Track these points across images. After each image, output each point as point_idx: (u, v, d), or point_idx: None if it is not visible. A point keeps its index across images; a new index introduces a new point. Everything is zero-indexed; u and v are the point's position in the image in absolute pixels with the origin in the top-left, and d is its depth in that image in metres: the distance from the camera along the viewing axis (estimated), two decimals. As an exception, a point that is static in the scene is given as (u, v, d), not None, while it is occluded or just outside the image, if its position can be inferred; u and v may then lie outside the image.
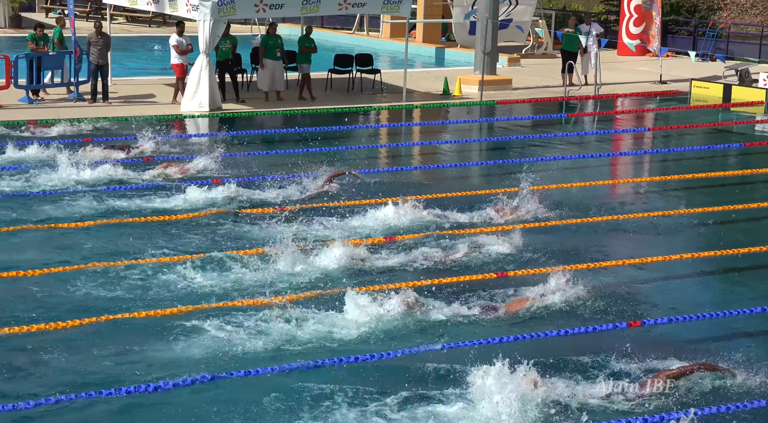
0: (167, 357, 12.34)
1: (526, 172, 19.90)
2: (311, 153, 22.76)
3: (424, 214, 18.05)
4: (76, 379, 11.99)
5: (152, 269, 15.25)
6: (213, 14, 27.04)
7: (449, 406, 11.06)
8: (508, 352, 11.56)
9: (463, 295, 14.11)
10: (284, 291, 14.36)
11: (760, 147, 26.43)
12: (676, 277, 15.57)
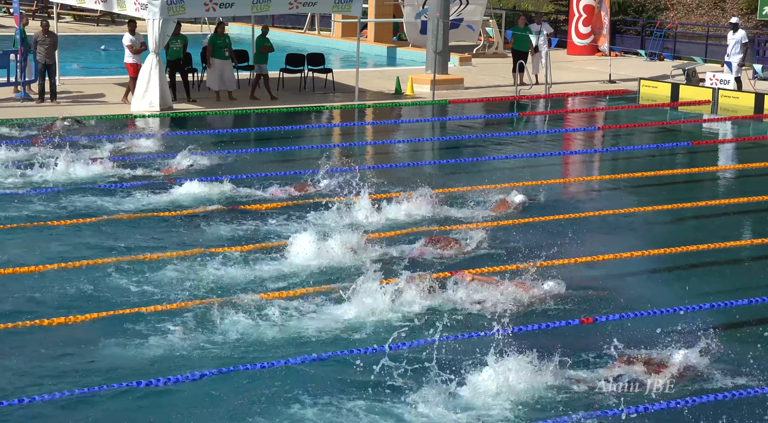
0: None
1: (478, 170, 20.17)
2: (264, 153, 23.14)
3: (384, 211, 18.40)
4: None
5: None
6: (162, 13, 27.01)
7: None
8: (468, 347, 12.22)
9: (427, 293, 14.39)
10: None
11: (708, 146, 26.72)
12: (627, 275, 15.76)
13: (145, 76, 28.05)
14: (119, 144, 23.58)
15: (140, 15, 27.93)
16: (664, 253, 16.76)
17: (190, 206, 18.97)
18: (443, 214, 18.30)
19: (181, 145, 23.01)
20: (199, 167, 21.55)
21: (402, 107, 30.40)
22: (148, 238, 17.24)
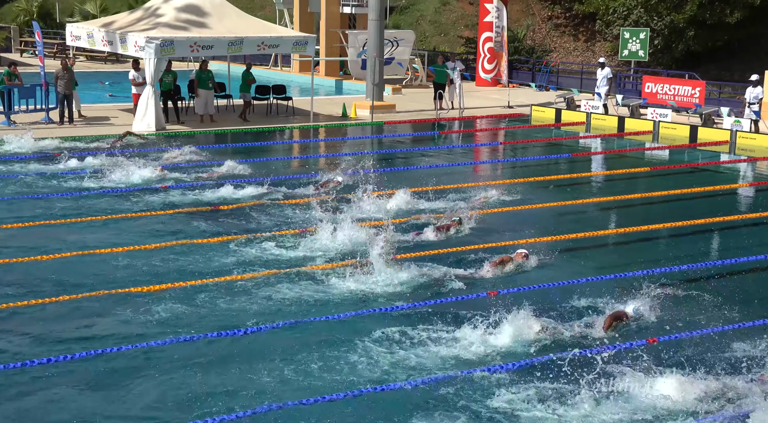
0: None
1: (409, 176, 20.60)
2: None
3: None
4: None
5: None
6: (156, 53, 27.28)
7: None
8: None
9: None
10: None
11: (583, 156, 27.28)
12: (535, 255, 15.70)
13: (144, 103, 28.25)
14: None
15: (139, 55, 28.14)
16: (553, 241, 16.80)
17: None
18: (398, 208, 18.77)
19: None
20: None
21: (348, 127, 30.63)
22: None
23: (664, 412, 10.01)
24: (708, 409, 10.02)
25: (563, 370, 10.58)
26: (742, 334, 12.31)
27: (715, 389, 10.43)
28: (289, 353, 11.57)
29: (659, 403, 10.14)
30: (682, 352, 11.32)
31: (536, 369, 11.00)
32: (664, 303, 13.23)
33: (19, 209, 18.49)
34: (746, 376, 10.72)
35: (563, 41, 46.74)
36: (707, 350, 11.71)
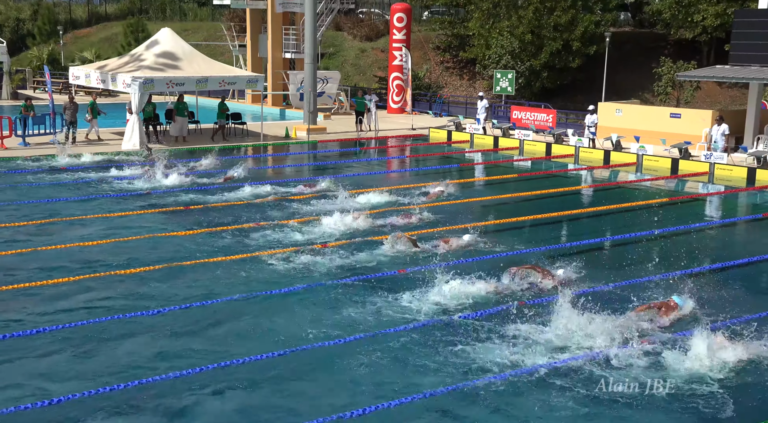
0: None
1: (341, 183, 20.77)
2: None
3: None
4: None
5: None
6: (140, 89, 27.41)
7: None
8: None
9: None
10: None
11: (468, 166, 27.82)
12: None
13: (130, 127, 28.37)
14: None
15: (126, 90, 28.23)
16: (460, 227, 17.12)
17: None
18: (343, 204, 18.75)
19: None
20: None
21: (290, 145, 30.75)
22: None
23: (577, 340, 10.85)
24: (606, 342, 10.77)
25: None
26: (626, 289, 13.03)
27: (611, 327, 11.08)
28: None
29: (573, 335, 10.97)
30: (588, 302, 11.62)
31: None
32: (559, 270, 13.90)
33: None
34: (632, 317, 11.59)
35: (452, 79, 47.44)
36: (604, 300, 12.25)
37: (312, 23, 34.20)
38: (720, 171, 25.11)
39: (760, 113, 27.77)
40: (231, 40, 44.92)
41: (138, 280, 13.41)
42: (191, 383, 9.49)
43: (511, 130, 31.97)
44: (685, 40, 42.07)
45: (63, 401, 8.85)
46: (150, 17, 59.18)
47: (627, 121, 30.05)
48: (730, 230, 19.00)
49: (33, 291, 12.75)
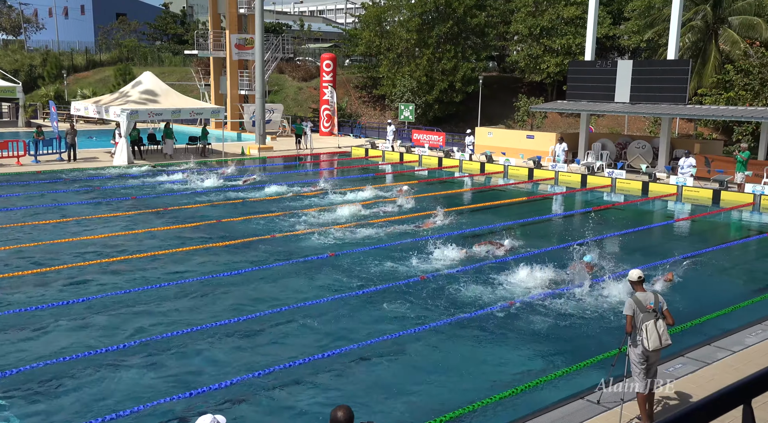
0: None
1: (286, 188, 20.58)
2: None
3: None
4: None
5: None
6: (127, 118, 26.52)
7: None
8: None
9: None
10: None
11: (383, 174, 27.62)
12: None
13: (120, 148, 27.32)
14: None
15: (117, 119, 27.24)
16: (373, 223, 17.00)
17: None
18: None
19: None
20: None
21: (245, 160, 29.97)
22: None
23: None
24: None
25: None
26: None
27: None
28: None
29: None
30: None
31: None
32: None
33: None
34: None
35: (367, 110, 47.40)
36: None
37: (261, 68, 33.75)
38: (562, 176, 25.77)
39: (588, 135, 28.63)
40: (198, 81, 44.02)
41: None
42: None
43: (412, 148, 32.15)
44: (535, 82, 43.13)
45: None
46: (135, 63, 57.37)
47: (496, 140, 30.53)
48: (570, 219, 19.52)
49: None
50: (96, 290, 11.43)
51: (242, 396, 7.79)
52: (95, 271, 12.54)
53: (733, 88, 30.84)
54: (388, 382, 8.22)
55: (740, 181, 21.89)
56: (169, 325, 9.89)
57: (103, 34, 66.22)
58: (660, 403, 7.38)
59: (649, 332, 6.76)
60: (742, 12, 32.86)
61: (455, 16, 40.98)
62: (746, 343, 9.19)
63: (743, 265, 13.51)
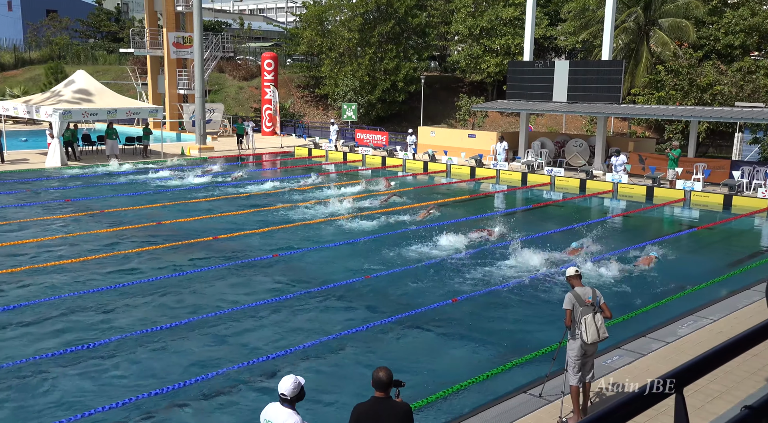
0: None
1: (229, 184, 20.22)
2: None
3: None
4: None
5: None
6: (60, 118, 25.58)
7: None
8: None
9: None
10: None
11: (327, 176, 27.32)
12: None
13: (53, 148, 26.39)
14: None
15: (49, 119, 26.16)
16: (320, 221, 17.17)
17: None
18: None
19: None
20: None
21: (186, 160, 29.27)
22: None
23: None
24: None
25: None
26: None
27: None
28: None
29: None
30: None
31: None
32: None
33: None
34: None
35: (310, 109, 47.10)
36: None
37: (200, 67, 33.11)
38: (504, 175, 26.23)
39: (527, 134, 29.24)
40: (135, 80, 42.81)
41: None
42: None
43: (355, 148, 32.13)
44: (476, 82, 43.78)
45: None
46: (67, 61, 55.25)
47: (438, 140, 30.84)
48: (512, 216, 19.88)
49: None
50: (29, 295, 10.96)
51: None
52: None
53: (664, 88, 32.07)
54: (312, 387, 8.15)
55: (671, 178, 22.78)
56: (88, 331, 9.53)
57: (33, 31, 63.62)
58: (597, 394, 7.59)
59: (587, 325, 6.96)
60: (672, 14, 34.20)
61: (396, 16, 41.19)
62: (679, 333, 9.55)
63: (675, 258, 14.05)
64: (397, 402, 5.08)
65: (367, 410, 5.00)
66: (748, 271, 13.44)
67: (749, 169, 22.57)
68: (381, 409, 4.97)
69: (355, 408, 5.08)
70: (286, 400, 4.98)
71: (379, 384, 5.01)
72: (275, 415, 5.00)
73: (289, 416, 4.94)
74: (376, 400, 5.02)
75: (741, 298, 11.17)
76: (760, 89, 31.03)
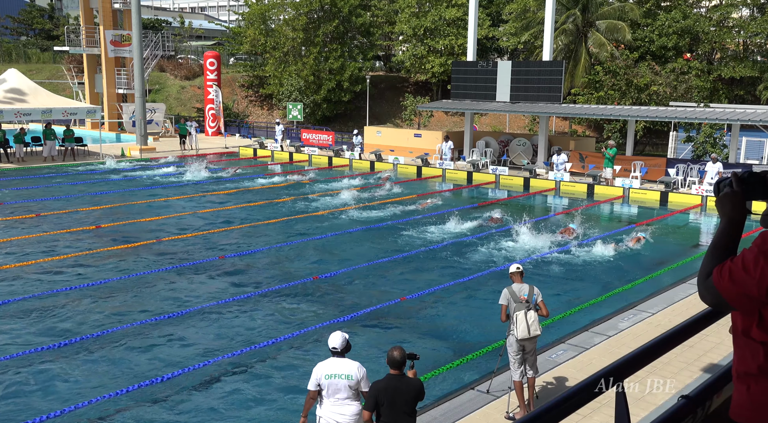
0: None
1: (175, 188, 19.73)
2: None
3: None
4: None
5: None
6: (-9, 118, 24.46)
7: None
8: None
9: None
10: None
11: (271, 174, 27.09)
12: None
13: (-16, 151, 25.25)
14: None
15: (-22, 120, 25.08)
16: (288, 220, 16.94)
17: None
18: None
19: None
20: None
21: (125, 161, 28.41)
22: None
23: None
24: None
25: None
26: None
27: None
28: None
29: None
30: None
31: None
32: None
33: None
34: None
35: (255, 109, 46.51)
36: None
37: (140, 66, 32.23)
38: (449, 174, 26.52)
39: (472, 133, 29.65)
40: (71, 79, 41.38)
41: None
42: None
43: (301, 147, 31.96)
44: (421, 81, 44.12)
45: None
46: (-3, 59, 52.98)
47: (385, 139, 30.95)
48: (459, 213, 20.08)
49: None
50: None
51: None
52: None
53: (603, 88, 33.05)
54: (248, 396, 8.06)
55: (609, 176, 23.48)
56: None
57: (-41, 27, 60.81)
58: (543, 389, 7.75)
59: (518, 322, 7.10)
60: (608, 16, 35.27)
61: (341, 16, 41.12)
62: (619, 327, 9.85)
63: (614, 254, 14.46)
64: (410, 378, 5.53)
65: (384, 387, 5.44)
66: (684, 264, 13.96)
67: (684, 167, 23.48)
68: (397, 385, 5.43)
69: (373, 385, 5.51)
70: (338, 352, 5.68)
71: (394, 362, 5.50)
72: (338, 366, 5.65)
73: (353, 363, 5.72)
74: (391, 377, 5.48)
75: (678, 291, 11.59)
76: (692, 89, 32.35)
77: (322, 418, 5.70)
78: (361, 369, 5.72)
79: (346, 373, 5.64)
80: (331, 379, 5.62)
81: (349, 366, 5.69)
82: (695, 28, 34.57)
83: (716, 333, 8.68)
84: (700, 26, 34.57)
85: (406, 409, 5.40)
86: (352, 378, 5.64)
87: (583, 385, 1.84)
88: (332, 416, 5.65)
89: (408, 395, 5.41)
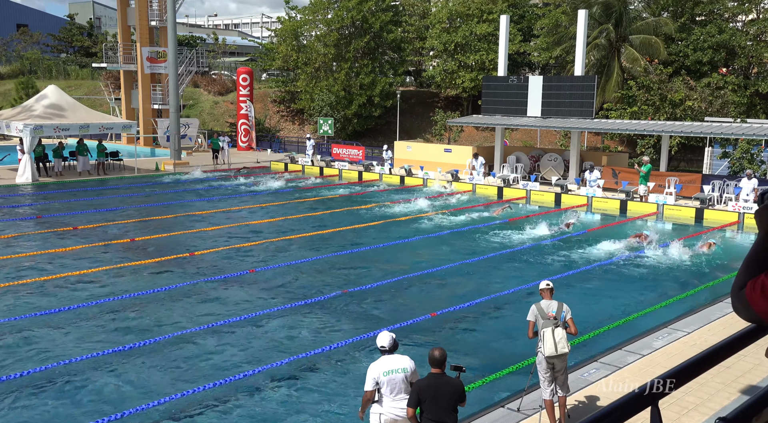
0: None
1: (207, 200, 20.03)
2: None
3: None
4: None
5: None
6: (31, 134, 25.42)
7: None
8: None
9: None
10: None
11: (303, 188, 27.39)
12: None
13: (23, 165, 26.09)
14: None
15: (19, 135, 25.92)
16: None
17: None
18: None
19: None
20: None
21: (162, 176, 29.04)
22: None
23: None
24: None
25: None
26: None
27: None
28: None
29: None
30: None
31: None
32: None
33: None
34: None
35: (287, 124, 47.02)
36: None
37: (174, 82, 32.84)
38: (480, 189, 26.42)
39: (503, 148, 29.53)
40: (108, 95, 42.52)
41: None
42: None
43: (332, 162, 32.15)
44: (451, 97, 44.17)
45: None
46: (38, 76, 54.58)
47: (415, 154, 31.00)
48: (491, 228, 19.99)
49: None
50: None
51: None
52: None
53: (636, 103, 32.67)
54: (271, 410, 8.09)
55: (643, 193, 23.07)
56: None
57: (3, 45, 62.85)
58: (574, 408, 7.63)
59: (545, 339, 7.03)
60: (642, 31, 34.94)
61: (372, 32, 41.48)
62: (654, 346, 9.66)
63: (648, 271, 14.23)
64: (452, 378, 5.79)
65: (427, 384, 5.67)
66: (720, 283, 13.67)
67: (719, 183, 23.03)
68: (438, 383, 5.69)
69: (416, 383, 5.74)
70: (387, 350, 6.03)
71: (434, 361, 5.79)
72: (392, 362, 5.97)
73: (404, 356, 6.08)
74: (433, 376, 5.74)
75: (714, 310, 11.35)
76: (728, 104, 31.79)
77: (383, 415, 5.96)
78: (412, 361, 6.09)
79: (402, 367, 5.98)
80: (390, 374, 5.93)
81: (402, 360, 6.05)
82: (731, 42, 34.02)
83: (754, 354, 8.46)
84: (736, 40, 34.02)
85: (449, 406, 5.61)
86: (408, 370, 5.99)
87: (615, 405, 1.83)
88: (393, 411, 5.94)
89: (450, 393, 5.64)
